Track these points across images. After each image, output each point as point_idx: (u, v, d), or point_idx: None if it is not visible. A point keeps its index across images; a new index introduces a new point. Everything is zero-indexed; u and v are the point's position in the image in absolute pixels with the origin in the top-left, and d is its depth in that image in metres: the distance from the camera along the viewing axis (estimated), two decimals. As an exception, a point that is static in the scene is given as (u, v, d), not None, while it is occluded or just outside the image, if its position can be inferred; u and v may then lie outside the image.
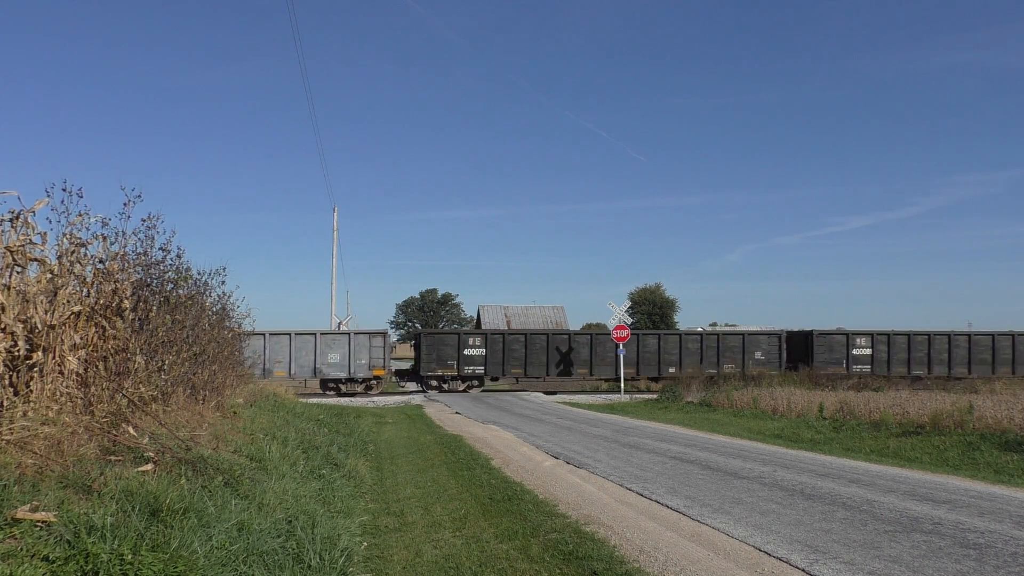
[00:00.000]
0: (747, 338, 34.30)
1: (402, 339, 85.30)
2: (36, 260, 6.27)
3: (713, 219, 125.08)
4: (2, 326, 5.70)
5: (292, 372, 30.45)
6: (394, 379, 35.34)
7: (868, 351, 33.52)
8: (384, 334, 31.94)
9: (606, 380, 34.96)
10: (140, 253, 8.51)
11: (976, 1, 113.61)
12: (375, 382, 31.59)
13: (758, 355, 33.80)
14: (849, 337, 33.67)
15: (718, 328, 51.16)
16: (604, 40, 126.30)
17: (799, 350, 33.96)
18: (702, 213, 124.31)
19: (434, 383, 32.52)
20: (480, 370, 32.47)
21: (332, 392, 30.97)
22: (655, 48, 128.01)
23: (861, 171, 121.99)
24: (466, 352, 32.33)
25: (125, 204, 7.98)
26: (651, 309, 60.04)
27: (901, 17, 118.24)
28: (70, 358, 6.45)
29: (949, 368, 33.56)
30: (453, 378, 32.47)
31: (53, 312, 6.25)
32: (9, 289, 5.82)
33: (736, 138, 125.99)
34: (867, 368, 33.23)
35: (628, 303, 46.01)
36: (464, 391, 32.44)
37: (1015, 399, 17.74)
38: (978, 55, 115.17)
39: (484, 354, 32.42)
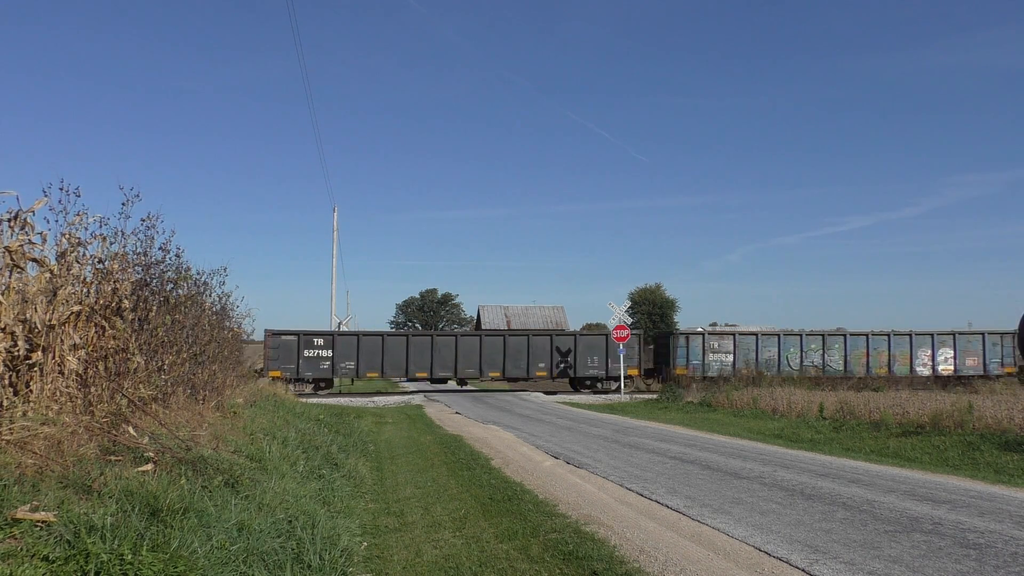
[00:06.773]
0: None
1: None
2: (35, 260, 6.27)
3: (713, 219, 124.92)
4: (2, 326, 5.70)
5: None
6: None
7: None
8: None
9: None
10: (139, 253, 8.52)
11: (976, 1, 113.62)
12: None
13: None
14: None
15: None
16: (605, 40, 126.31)
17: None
18: (702, 213, 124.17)
19: None
20: None
21: None
22: (656, 48, 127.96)
23: (861, 171, 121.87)
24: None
25: (124, 204, 8.01)
26: (651, 309, 59.98)
27: (901, 17, 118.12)
28: (70, 358, 6.45)
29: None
30: None
31: (52, 312, 6.25)
32: (9, 289, 5.82)
33: (736, 138, 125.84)
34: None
35: (628, 303, 45.96)
36: None
37: (1015, 399, 17.74)
38: (978, 55, 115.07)
39: None
